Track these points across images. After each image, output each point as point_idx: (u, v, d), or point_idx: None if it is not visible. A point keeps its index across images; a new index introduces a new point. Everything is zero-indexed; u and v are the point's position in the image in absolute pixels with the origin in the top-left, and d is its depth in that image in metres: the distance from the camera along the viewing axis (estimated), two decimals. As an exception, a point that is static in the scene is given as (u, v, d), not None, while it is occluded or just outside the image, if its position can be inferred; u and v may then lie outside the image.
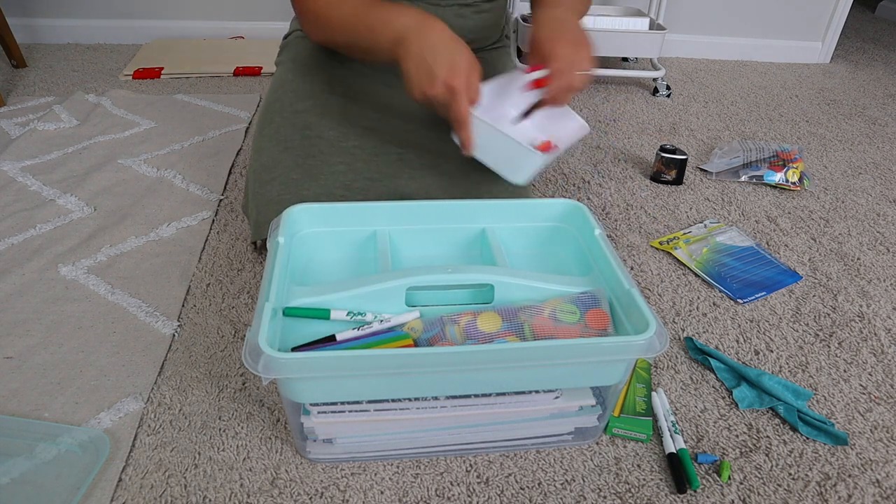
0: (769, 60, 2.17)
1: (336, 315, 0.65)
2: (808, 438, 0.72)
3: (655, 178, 1.29)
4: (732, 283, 0.97)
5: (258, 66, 1.77)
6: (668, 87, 1.78)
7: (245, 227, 1.05)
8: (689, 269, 1.01)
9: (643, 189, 1.26)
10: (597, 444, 0.70)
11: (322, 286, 0.67)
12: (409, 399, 0.62)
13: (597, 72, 1.75)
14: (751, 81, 1.95)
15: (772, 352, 0.85)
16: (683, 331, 0.88)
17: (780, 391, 0.76)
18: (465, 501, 0.63)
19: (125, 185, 1.16)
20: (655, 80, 1.79)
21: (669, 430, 0.71)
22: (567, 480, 0.66)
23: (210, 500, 0.62)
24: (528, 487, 0.65)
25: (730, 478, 0.67)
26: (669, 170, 1.26)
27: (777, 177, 1.27)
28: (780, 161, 1.29)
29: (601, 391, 0.66)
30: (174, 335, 0.82)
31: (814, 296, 0.96)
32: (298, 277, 0.72)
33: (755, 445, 0.71)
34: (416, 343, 0.64)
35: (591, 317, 0.65)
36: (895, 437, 0.73)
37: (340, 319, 0.65)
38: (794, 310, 0.93)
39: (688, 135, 1.53)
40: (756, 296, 0.95)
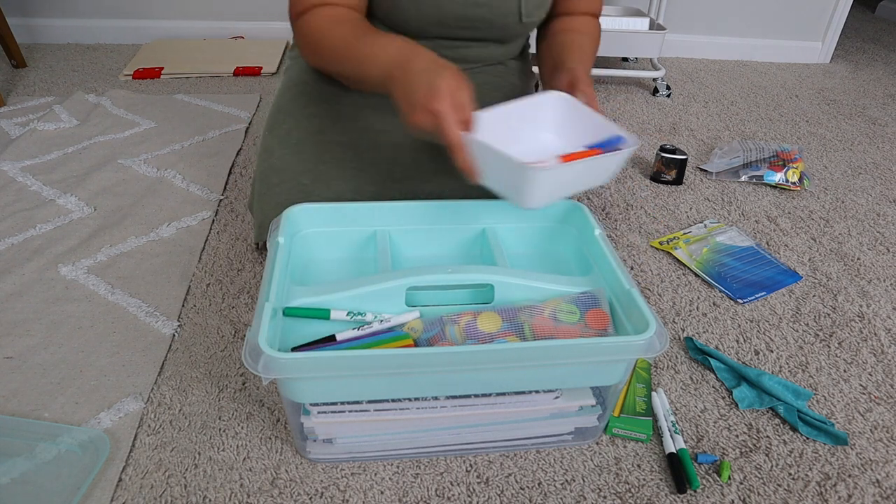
0: (769, 60, 2.17)
1: (336, 315, 0.65)
2: (808, 438, 0.72)
3: (655, 178, 1.29)
4: (732, 283, 0.97)
5: (258, 66, 1.77)
6: (668, 87, 1.78)
7: (245, 227, 1.05)
8: (689, 269, 1.01)
9: (643, 189, 1.26)
10: (597, 444, 0.70)
11: (322, 286, 0.67)
12: (409, 399, 0.62)
13: (597, 72, 1.75)
14: (751, 81, 1.95)
15: (772, 352, 0.85)
16: (683, 331, 0.88)
17: (780, 391, 0.76)
18: (465, 501, 0.63)
19: (125, 185, 1.16)
20: (655, 80, 1.79)
21: (669, 430, 0.71)
22: (567, 480, 0.66)
23: (210, 500, 0.62)
24: (528, 487, 0.65)
25: (730, 478, 0.67)
26: (669, 170, 1.26)
27: (777, 177, 1.27)
28: (780, 161, 1.29)
29: (601, 391, 0.66)
30: (174, 335, 0.82)
31: (814, 296, 0.96)
32: (298, 277, 0.72)
33: (755, 445, 0.71)
34: (416, 343, 0.64)
35: (591, 317, 0.65)
36: (895, 437, 0.73)
37: (340, 319, 0.65)
38: (794, 310, 0.93)
39: (688, 135, 1.53)
40: (756, 296, 0.95)
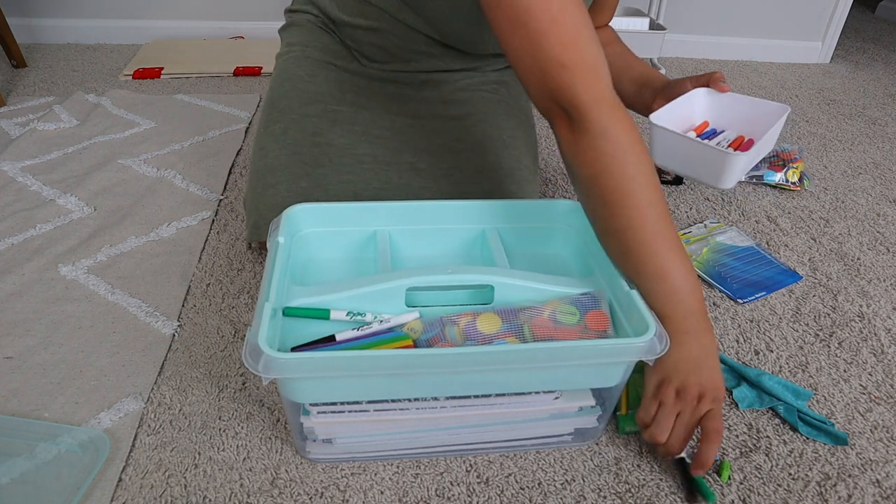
0: (769, 60, 2.17)
1: (336, 315, 0.65)
2: (808, 438, 0.72)
3: (655, 178, 1.28)
4: (732, 283, 0.97)
5: (258, 66, 1.77)
6: (668, 87, 1.77)
7: (245, 227, 1.05)
8: (689, 270, 1.01)
9: (643, 189, 1.25)
10: (597, 445, 0.70)
11: (322, 286, 0.67)
12: (409, 399, 0.62)
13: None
14: (751, 81, 1.95)
15: (772, 352, 0.85)
16: (683, 331, 0.88)
17: (780, 391, 0.76)
18: (465, 501, 0.63)
19: (125, 185, 1.16)
20: (655, 80, 1.78)
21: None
22: (567, 480, 0.66)
23: (210, 500, 0.62)
24: (528, 487, 0.65)
25: (730, 478, 0.67)
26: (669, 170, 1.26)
27: (777, 177, 1.27)
28: (780, 161, 1.29)
29: (601, 392, 0.66)
30: (174, 335, 0.82)
31: (814, 296, 0.96)
32: (298, 277, 0.72)
33: (755, 445, 0.71)
34: (416, 344, 0.64)
35: (591, 318, 0.65)
36: (895, 437, 0.73)
37: (340, 319, 0.65)
38: (794, 310, 0.93)
39: (688, 135, 1.53)
40: (756, 296, 0.95)
